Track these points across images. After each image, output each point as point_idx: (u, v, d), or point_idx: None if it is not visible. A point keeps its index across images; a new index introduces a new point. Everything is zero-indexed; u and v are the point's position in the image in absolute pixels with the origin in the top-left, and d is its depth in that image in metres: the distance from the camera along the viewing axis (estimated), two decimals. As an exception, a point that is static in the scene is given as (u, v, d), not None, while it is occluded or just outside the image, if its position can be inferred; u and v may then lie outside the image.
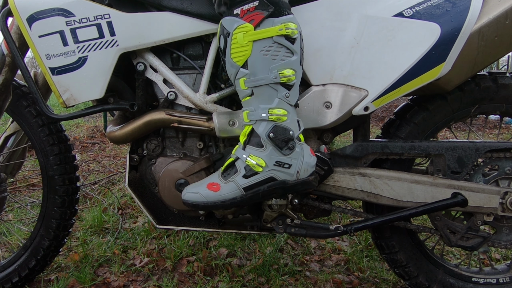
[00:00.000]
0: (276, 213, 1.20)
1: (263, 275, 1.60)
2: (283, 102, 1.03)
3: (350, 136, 3.78)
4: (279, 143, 1.03)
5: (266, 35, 0.98)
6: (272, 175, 1.06)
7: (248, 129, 1.07)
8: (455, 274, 1.32)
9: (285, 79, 1.00)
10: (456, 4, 1.05)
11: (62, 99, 1.17)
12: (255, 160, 1.05)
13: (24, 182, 2.72)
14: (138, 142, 1.30)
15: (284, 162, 1.05)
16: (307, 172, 1.08)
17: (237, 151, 1.09)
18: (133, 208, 2.38)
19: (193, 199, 1.09)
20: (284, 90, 1.02)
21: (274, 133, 1.03)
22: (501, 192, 1.16)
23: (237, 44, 0.99)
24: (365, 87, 1.11)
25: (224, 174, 1.09)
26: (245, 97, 1.05)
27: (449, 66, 1.06)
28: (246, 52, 0.99)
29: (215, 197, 1.07)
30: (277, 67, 1.00)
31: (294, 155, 1.06)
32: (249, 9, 0.97)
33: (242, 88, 1.03)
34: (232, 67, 1.03)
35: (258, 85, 1.01)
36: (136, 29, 1.12)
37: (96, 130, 4.81)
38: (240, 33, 0.98)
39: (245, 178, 1.06)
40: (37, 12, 1.10)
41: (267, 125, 1.03)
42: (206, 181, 1.11)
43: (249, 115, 1.05)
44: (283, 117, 1.03)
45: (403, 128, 1.24)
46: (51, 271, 1.66)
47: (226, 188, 1.07)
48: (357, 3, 1.11)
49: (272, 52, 0.99)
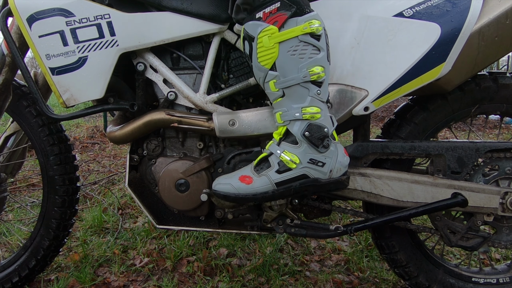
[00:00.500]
0: (276, 213, 1.20)
1: (263, 275, 1.60)
2: (315, 100, 1.02)
3: (350, 136, 3.78)
4: (314, 141, 1.03)
5: (291, 35, 0.98)
6: (305, 172, 1.05)
7: (283, 129, 1.07)
8: (455, 274, 1.32)
9: (315, 77, 1.00)
10: (456, 4, 1.05)
11: (62, 99, 1.17)
12: (289, 156, 1.04)
13: (24, 182, 2.72)
14: (138, 142, 1.30)
15: (318, 160, 1.05)
16: (340, 172, 1.08)
17: (271, 147, 1.09)
18: (133, 208, 2.38)
19: (224, 190, 1.08)
20: (315, 87, 1.01)
21: (310, 132, 1.02)
22: (501, 192, 1.16)
23: (263, 48, 0.99)
24: (365, 87, 1.10)
25: (257, 168, 1.09)
26: (277, 99, 1.05)
27: (449, 66, 1.06)
28: (273, 55, 0.99)
29: (246, 190, 1.07)
30: (306, 66, 0.99)
31: (329, 153, 1.05)
32: (272, 11, 0.97)
33: (272, 90, 1.03)
34: (260, 71, 1.02)
35: (288, 85, 1.01)
36: (136, 29, 1.12)
37: (96, 130, 4.81)
38: (265, 36, 0.98)
39: (278, 173, 1.06)
40: (37, 12, 1.10)
41: (302, 124, 1.03)
42: (238, 174, 1.10)
43: (283, 116, 1.05)
44: (317, 115, 1.02)
45: (403, 128, 1.24)
46: (51, 271, 1.66)
47: (258, 182, 1.07)
48: (357, 3, 1.11)
49: (299, 51, 0.99)
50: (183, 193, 1.23)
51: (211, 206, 1.28)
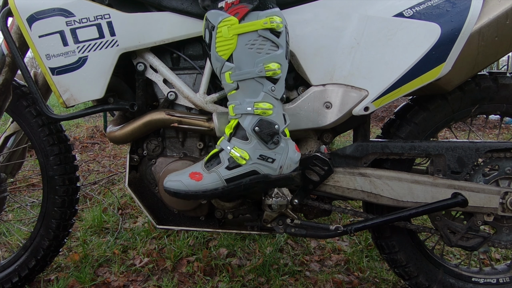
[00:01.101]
0: (276, 213, 1.20)
1: (263, 275, 1.60)
2: (269, 96, 1.03)
3: (350, 136, 3.78)
4: (264, 137, 1.03)
5: (251, 28, 0.97)
6: (255, 168, 1.06)
7: (234, 122, 1.07)
8: (455, 274, 1.32)
9: (270, 73, 1.00)
10: (456, 4, 1.05)
11: (62, 99, 1.17)
12: (239, 153, 1.05)
13: (24, 182, 2.72)
14: (138, 142, 1.30)
15: (268, 156, 1.05)
16: (290, 168, 1.09)
17: (222, 143, 1.09)
18: (133, 208, 2.38)
19: (174, 187, 1.08)
20: (270, 84, 1.02)
21: (259, 127, 1.03)
22: (501, 192, 1.16)
23: (222, 38, 0.99)
24: (365, 87, 1.10)
25: (207, 165, 1.09)
26: (231, 91, 1.05)
27: (449, 66, 1.06)
28: (231, 46, 0.99)
29: (196, 187, 1.07)
30: (262, 61, 0.99)
31: (279, 149, 1.06)
32: (234, 2, 0.97)
33: (227, 82, 1.03)
34: (218, 60, 1.02)
35: (243, 78, 1.01)
36: (136, 29, 1.12)
37: (96, 130, 4.80)
38: (225, 26, 0.98)
39: (228, 169, 1.06)
40: (37, 12, 1.10)
41: (253, 119, 1.03)
42: (189, 170, 1.10)
43: (235, 109, 1.05)
44: (269, 111, 1.03)
45: (403, 128, 1.24)
46: (51, 271, 1.66)
47: (208, 178, 1.07)
48: (357, 3, 1.11)
49: (257, 45, 0.99)
50: (183, 193, 1.23)
51: (211, 206, 1.28)
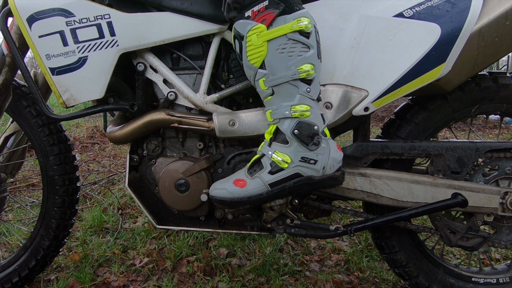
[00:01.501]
0: (276, 214, 1.20)
1: (263, 275, 1.60)
2: (305, 98, 1.02)
3: (350, 136, 3.78)
4: (304, 139, 1.03)
5: (279, 33, 0.97)
6: (298, 171, 1.05)
7: (273, 128, 1.07)
8: (455, 274, 1.32)
9: (304, 75, 1.00)
10: (456, 4, 1.05)
11: (62, 99, 1.17)
12: (280, 157, 1.05)
13: (24, 182, 2.72)
14: (138, 142, 1.30)
15: (309, 158, 1.05)
16: (334, 168, 1.08)
17: (263, 148, 1.09)
18: (133, 208, 2.38)
19: (220, 196, 1.09)
20: (305, 85, 1.01)
21: (299, 130, 1.02)
22: (501, 192, 1.16)
23: (252, 46, 0.99)
24: (365, 88, 1.10)
25: (250, 171, 1.09)
26: (267, 97, 1.05)
27: (449, 67, 1.06)
28: (262, 53, 0.99)
29: (241, 193, 1.07)
30: (294, 64, 0.99)
31: (320, 150, 1.05)
32: (260, 10, 0.97)
33: (262, 88, 1.03)
34: (250, 69, 1.03)
35: (277, 83, 1.01)
36: (136, 29, 1.12)
37: (96, 130, 4.80)
38: (254, 34, 0.98)
39: (271, 174, 1.06)
40: (37, 12, 1.10)
41: (291, 122, 1.03)
42: (233, 178, 1.11)
43: (272, 114, 1.05)
44: (306, 113, 1.02)
45: (403, 128, 1.24)
46: (51, 271, 1.66)
47: (252, 184, 1.07)
48: (357, 4, 1.11)
49: (288, 49, 0.99)
50: (183, 193, 1.23)
51: (211, 206, 1.28)
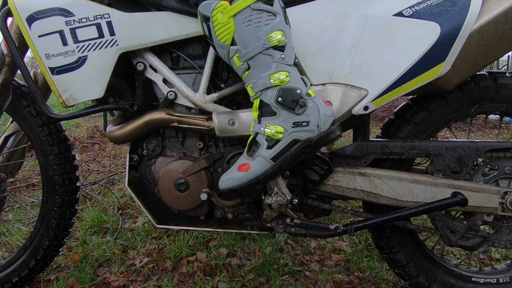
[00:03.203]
0: (276, 213, 1.20)
1: (263, 275, 1.60)
2: (281, 65, 1.02)
3: (350, 136, 3.77)
4: (289, 105, 1.03)
5: (242, 5, 0.97)
6: (294, 137, 1.05)
7: (257, 102, 1.07)
8: (455, 274, 1.31)
9: (275, 42, 1.00)
10: (456, 3, 1.05)
11: (62, 99, 1.17)
12: (273, 129, 1.05)
13: (24, 182, 2.72)
14: (138, 142, 1.30)
15: (301, 121, 1.04)
16: (328, 123, 1.07)
17: (254, 127, 1.09)
18: (133, 208, 2.38)
19: (229, 186, 1.09)
20: (278, 52, 1.01)
21: (282, 97, 1.02)
22: (501, 192, 1.16)
23: (219, 25, 0.99)
24: (365, 87, 1.10)
25: (250, 152, 1.09)
26: (244, 73, 1.05)
27: (449, 66, 1.06)
28: (230, 29, 0.99)
29: (248, 176, 1.07)
30: (264, 33, 0.99)
31: (309, 110, 1.05)
32: None
33: (237, 65, 1.03)
34: (222, 48, 1.03)
35: (251, 56, 1.01)
36: (135, 29, 1.12)
37: (96, 130, 4.80)
38: (219, 12, 0.98)
39: (269, 149, 1.06)
40: (37, 12, 1.10)
41: (273, 91, 1.03)
42: (236, 166, 1.11)
43: (253, 88, 1.05)
44: (286, 79, 1.02)
45: (403, 128, 1.24)
46: (51, 271, 1.66)
47: (255, 165, 1.07)
48: (357, 3, 1.11)
49: (254, 20, 0.99)
50: (183, 192, 1.23)
51: (211, 206, 1.28)
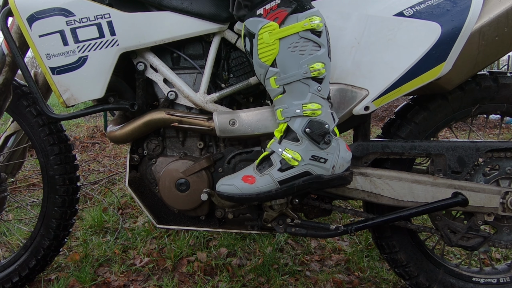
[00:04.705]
0: (277, 213, 1.20)
1: (263, 275, 1.60)
2: (316, 96, 1.02)
3: (351, 136, 3.78)
4: (315, 138, 1.03)
5: (292, 31, 0.98)
6: (307, 169, 1.05)
7: (284, 126, 1.07)
8: (456, 274, 1.31)
9: (315, 73, 1.00)
10: (457, 3, 1.05)
11: (63, 99, 1.17)
12: (291, 154, 1.04)
13: (24, 182, 2.72)
14: (139, 141, 1.30)
15: (320, 156, 1.05)
16: (343, 167, 1.08)
17: (273, 145, 1.09)
18: (133, 208, 2.38)
19: (228, 191, 1.08)
20: (316, 84, 1.02)
21: (310, 128, 1.02)
22: (502, 192, 1.16)
23: (263, 44, 0.99)
24: (365, 87, 1.10)
25: (259, 167, 1.09)
26: (277, 96, 1.05)
27: (450, 66, 1.06)
28: (273, 51, 0.99)
29: (250, 190, 1.07)
30: (306, 62, 0.99)
31: (330, 149, 1.05)
32: (272, 8, 0.97)
33: (273, 87, 1.03)
34: (261, 67, 1.02)
35: (289, 82, 1.01)
36: (136, 29, 1.12)
37: (96, 130, 4.80)
38: (266, 32, 0.98)
39: (280, 171, 1.06)
40: (37, 11, 1.10)
41: (302, 121, 1.03)
42: (241, 174, 1.10)
43: (283, 112, 1.05)
44: (318, 111, 1.02)
45: (403, 128, 1.24)
46: (51, 270, 1.66)
47: (261, 181, 1.07)
48: (357, 3, 1.11)
49: (299, 47, 0.99)
50: (183, 192, 1.23)
51: (211, 206, 1.28)
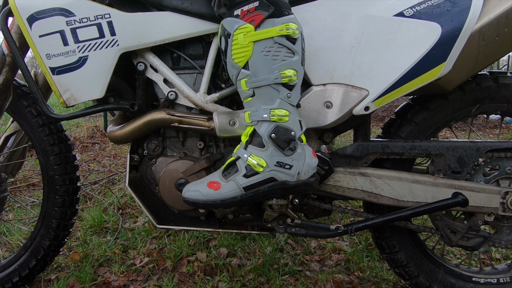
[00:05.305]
0: (277, 213, 1.20)
1: (263, 275, 1.60)
2: (285, 103, 1.02)
3: (351, 136, 3.78)
4: (280, 144, 1.03)
5: (267, 35, 0.98)
6: (272, 176, 1.06)
7: (250, 129, 1.07)
8: (456, 274, 1.31)
9: (286, 80, 1.00)
10: (457, 3, 1.05)
11: (63, 99, 1.17)
12: (256, 160, 1.05)
13: (25, 182, 2.72)
14: (139, 142, 1.30)
15: (285, 162, 1.05)
16: (308, 174, 1.08)
17: (239, 151, 1.09)
18: (133, 208, 2.38)
19: (193, 197, 1.09)
20: (286, 90, 1.02)
21: (276, 134, 1.03)
22: (502, 192, 1.16)
23: (238, 45, 0.99)
24: (365, 87, 1.10)
25: (225, 173, 1.09)
26: (247, 98, 1.05)
27: (450, 66, 1.06)
28: (247, 53, 0.99)
29: (215, 196, 1.07)
30: (278, 68, 0.99)
31: (296, 156, 1.05)
32: (250, 10, 0.97)
33: (243, 89, 1.03)
34: (233, 68, 1.02)
35: (259, 85, 1.01)
36: (136, 29, 1.12)
37: (96, 130, 4.80)
38: (241, 33, 0.98)
39: (245, 177, 1.06)
40: (38, 12, 1.10)
41: (269, 126, 1.03)
42: (207, 180, 1.11)
43: (251, 116, 1.05)
44: (285, 118, 1.02)
45: (403, 128, 1.24)
46: (51, 270, 1.66)
47: (226, 187, 1.07)
48: (357, 3, 1.11)
49: (273, 52, 0.99)
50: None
51: (211, 206, 1.28)
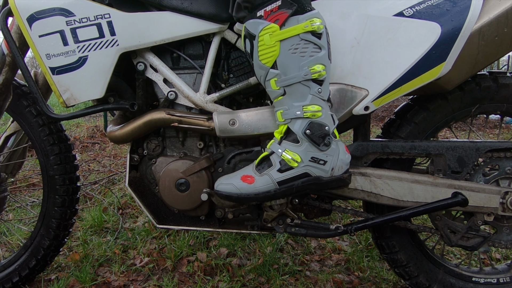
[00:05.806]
0: (277, 213, 1.20)
1: (263, 275, 1.60)
2: (317, 98, 1.02)
3: (351, 136, 3.78)
4: (315, 139, 1.03)
5: (292, 33, 0.98)
6: (307, 171, 1.06)
7: (284, 128, 1.07)
8: (456, 274, 1.31)
9: (316, 75, 1.00)
10: (457, 3, 1.05)
11: (63, 99, 1.17)
12: (290, 155, 1.05)
13: (24, 182, 2.72)
14: (138, 141, 1.30)
15: (319, 158, 1.05)
16: (342, 170, 1.08)
17: (273, 145, 1.09)
18: (133, 207, 2.38)
19: (227, 190, 1.09)
20: (316, 86, 1.02)
21: (311, 130, 1.03)
22: (502, 192, 1.16)
23: (264, 46, 0.99)
24: (365, 87, 1.10)
25: (259, 167, 1.09)
26: (277, 97, 1.05)
27: (450, 66, 1.06)
28: (274, 53, 0.99)
29: (249, 190, 1.07)
30: (307, 64, 1.00)
31: (330, 151, 1.05)
32: (273, 9, 0.97)
33: (273, 88, 1.03)
34: (261, 69, 1.02)
35: (289, 84, 1.01)
36: (136, 29, 1.12)
37: (96, 130, 4.80)
38: (267, 34, 0.98)
39: (279, 172, 1.06)
40: (37, 11, 1.10)
41: (303, 123, 1.03)
42: (240, 173, 1.10)
43: (283, 114, 1.05)
44: (318, 113, 1.02)
45: (403, 128, 1.24)
46: (52, 270, 1.66)
47: (260, 181, 1.07)
48: (357, 3, 1.11)
49: (300, 49, 0.99)
50: (183, 192, 1.23)
51: (211, 206, 1.28)
